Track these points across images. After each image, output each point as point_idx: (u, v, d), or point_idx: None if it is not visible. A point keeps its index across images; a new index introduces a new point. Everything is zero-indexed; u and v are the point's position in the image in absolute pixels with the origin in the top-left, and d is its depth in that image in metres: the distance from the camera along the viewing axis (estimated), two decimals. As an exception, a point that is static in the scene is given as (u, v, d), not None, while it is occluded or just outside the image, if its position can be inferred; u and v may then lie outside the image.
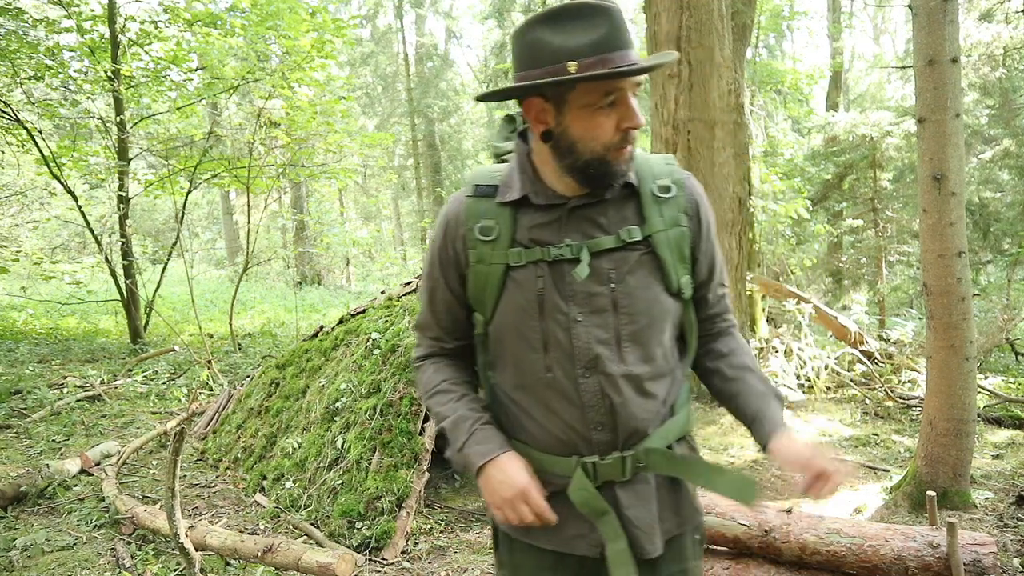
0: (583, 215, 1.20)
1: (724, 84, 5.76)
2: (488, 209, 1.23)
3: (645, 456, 1.23)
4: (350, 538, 3.25)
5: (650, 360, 1.22)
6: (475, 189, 1.25)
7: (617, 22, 1.10)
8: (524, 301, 1.20)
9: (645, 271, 1.20)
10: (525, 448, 1.26)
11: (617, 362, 1.19)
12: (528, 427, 1.26)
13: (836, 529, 2.61)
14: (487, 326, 1.27)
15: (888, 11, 22.24)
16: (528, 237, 1.21)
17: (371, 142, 10.87)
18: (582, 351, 1.19)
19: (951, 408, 3.50)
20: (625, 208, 1.22)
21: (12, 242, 10.84)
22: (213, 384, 6.52)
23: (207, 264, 20.09)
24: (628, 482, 1.23)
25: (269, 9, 8.15)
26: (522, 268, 1.20)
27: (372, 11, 21.34)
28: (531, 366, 1.22)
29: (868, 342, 6.90)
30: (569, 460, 1.22)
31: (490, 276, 1.22)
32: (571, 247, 1.18)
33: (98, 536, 3.34)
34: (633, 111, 1.14)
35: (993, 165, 8.96)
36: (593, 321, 1.19)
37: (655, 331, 1.22)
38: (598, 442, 1.21)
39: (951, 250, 3.43)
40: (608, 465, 1.21)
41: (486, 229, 1.22)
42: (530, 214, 1.21)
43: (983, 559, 2.38)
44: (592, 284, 1.18)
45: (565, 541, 1.25)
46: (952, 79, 3.37)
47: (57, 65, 7.81)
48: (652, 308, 1.21)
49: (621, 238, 1.19)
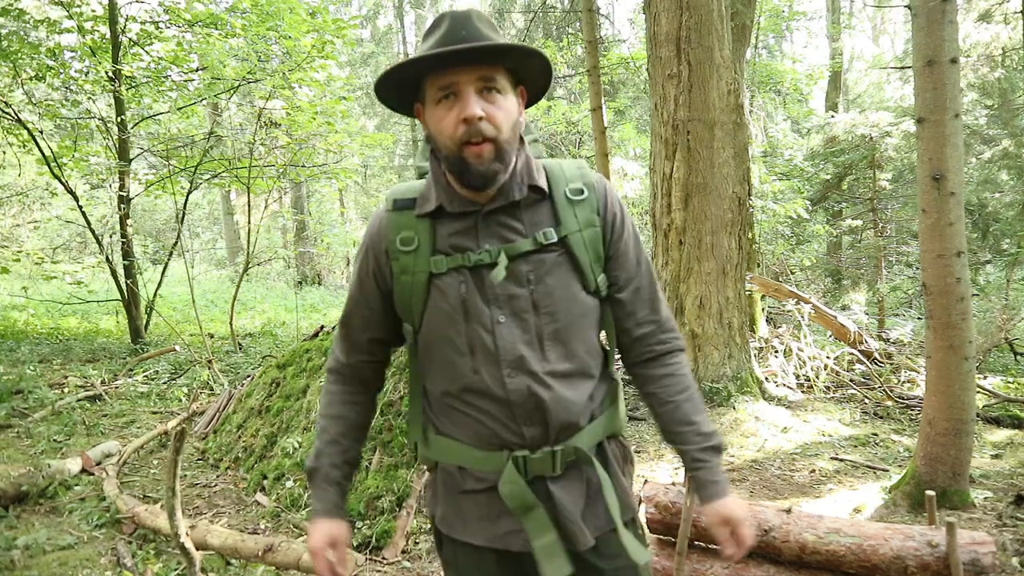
0: (497, 220, 1.23)
1: (724, 84, 5.76)
2: (408, 221, 1.27)
3: (575, 452, 1.25)
4: (350, 537, 3.26)
5: (573, 357, 1.25)
6: (394, 204, 1.29)
7: (458, 22, 1.16)
8: (449, 307, 1.24)
9: (562, 271, 1.24)
10: (459, 445, 1.28)
11: (540, 360, 1.22)
12: (461, 426, 1.28)
13: (835, 529, 2.62)
14: (416, 335, 1.30)
15: (887, 11, 22.24)
16: (448, 244, 1.24)
17: (371, 142, 10.89)
18: (506, 351, 1.22)
19: (950, 408, 3.51)
20: (539, 212, 1.25)
21: (13, 242, 10.85)
22: (214, 384, 6.53)
23: (208, 264, 20.09)
24: (559, 476, 1.25)
25: (269, 10, 8.16)
26: (444, 275, 1.24)
27: (372, 12, 21.36)
28: (460, 369, 1.25)
29: (867, 342, 6.91)
30: (500, 455, 1.24)
31: (415, 285, 1.26)
32: (489, 252, 1.21)
33: (99, 535, 3.35)
34: (466, 102, 1.15)
35: (992, 165, 8.97)
36: (515, 323, 1.22)
37: (576, 329, 1.25)
38: (530, 437, 1.23)
39: (950, 250, 3.43)
40: (538, 460, 1.23)
41: (406, 240, 1.26)
42: (447, 223, 1.25)
43: (982, 558, 2.38)
44: (512, 286, 1.22)
45: (500, 537, 1.26)
46: (951, 79, 3.38)
47: (58, 65, 7.82)
48: (572, 307, 1.25)
49: (538, 240, 1.22)
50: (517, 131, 1.23)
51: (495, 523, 1.26)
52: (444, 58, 1.13)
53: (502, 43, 1.14)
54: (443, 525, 1.34)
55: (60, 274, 8.95)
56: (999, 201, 8.91)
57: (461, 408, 1.27)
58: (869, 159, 9.40)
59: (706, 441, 1.30)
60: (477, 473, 1.27)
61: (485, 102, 1.16)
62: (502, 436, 1.24)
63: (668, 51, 5.67)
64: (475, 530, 1.28)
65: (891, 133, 9.11)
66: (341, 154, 9.93)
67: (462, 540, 1.30)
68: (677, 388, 1.33)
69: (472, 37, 1.14)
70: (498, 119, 1.17)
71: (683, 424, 1.31)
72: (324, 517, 1.32)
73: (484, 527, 1.27)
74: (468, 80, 1.15)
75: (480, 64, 1.15)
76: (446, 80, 1.16)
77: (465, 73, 1.15)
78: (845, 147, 9.76)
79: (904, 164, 9.59)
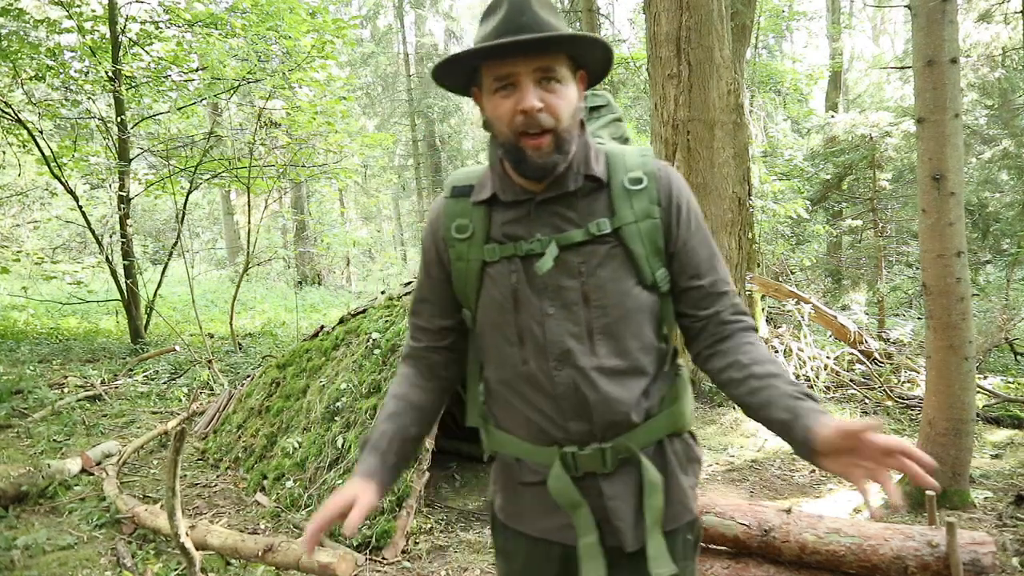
0: (551, 209, 1.21)
1: (724, 84, 5.76)
2: (464, 209, 1.27)
3: (626, 449, 1.23)
4: (350, 538, 3.26)
5: (624, 354, 1.21)
6: (452, 190, 1.29)
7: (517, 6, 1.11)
8: (500, 296, 1.23)
9: (616, 264, 1.20)
10: (515, 439, 1.29)
11: (588, 355, 1.20)
12: (513, 417, 1.28)
13: (835, 529, 2.62)
14: (473, 322, 1.31)
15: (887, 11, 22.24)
16: (501, 233, 1.23)
17: (371, 142, 10.87)
18: (554, 344, 1.20)
19: (950, 408, 3.51)
20: (595, 201, 1.22)
21: (13, 242, 10.85)
22: (214, 384, 6.53)
23: (208, 264, 20.09)
24: (612, 474, 1.23)
25: (269, 9, 8.16)
26: (496, 264, 1.23)
27: (372, 11, 21.36)
28: (510, 359, 1.25)
29: (867, 342, 6.91)
30: (551, 450, 1.24)
31: (469, 273, 1.26)
32: (540, 241, 1.20)
33: (99, 535, 3.35)
34: (523, 93, 1.12)
35: (992, 165, 8.97)
36: (564, 315, 1.20)
37: (629, 324, 1.21)
38: (577, 432, 1.22)
39: (950, 250, 3.43)
40: (588, 456, 1.22)
41: (461, 227, 1.26)
42: (502, 211, 1.24)
43: (982, 558, 2.38)
44: (562, 278, 1.19)
45: (553, 530, 1.27)
46: (951, 79, 3.38)
47: (58, 65, 7.82)
48: (624, 301, 1.20)
49: (590, 231, 1.19)
50: (577, 118, 1.18)
51: (550, 516, 1.26)
52: (504, 49, 1.09)
53: (562, 33, 1.10)
54: (501, 513, 1.35)
55: (60, 274, 8.95)
56: (999, 201, 8.91)
57: (512, 399, 1.27)
58: (869, 159, 9.40)
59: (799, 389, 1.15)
60: (532, 465, 1.27)
61: (544, 91, 1.13)
62: (549, 432, 1.23)
63: (668, 51, 5.67)
64: (531, 521, 1.29)
65: (891, 133, 9.11)
66: (341, 154, 9.92)
67: (517, 529, 1.31)
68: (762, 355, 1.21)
69: (531, 23, 1.10)
70: (558, 109, 1.13)
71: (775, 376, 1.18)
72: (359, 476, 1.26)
73: (539, 519, 1.27)
74: (526, 71, 1.12)
75: (540, 54, 1.11)
76: (504, 70, 1.13)
77: (523, 63, 1.11)
78: (845, 147, 9.76)
79: (904, 164, 9.59)
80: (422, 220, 19.97)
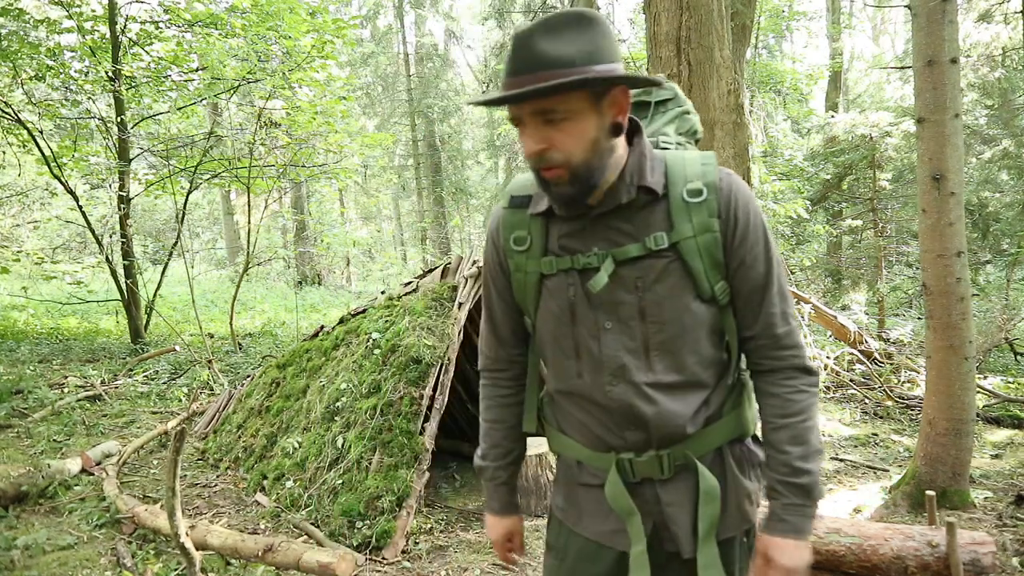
0: (607, 223, 1.19)
1: (724, 84, 5.76)
2: (521, 220, 1.26)
3: (685, 456, 1.23)
4: (350, 538, 3.25)
5: (682, 369, 1.20)
6: (510, 200, 1.29)
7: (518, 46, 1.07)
8: (557, 309, 1.23)
9: (674, 279, 1.17)
10: (571, 442, 1.32)
11: (644, 371, 1.19)
12: (572, 425, 1.31)
13: (835, 529, 2.62)
14: (533, 330, 1.33)
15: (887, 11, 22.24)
16: (559, 245, 1.22)
17: (371, 142, 10.87)
18: (609, 359, 1.20)
19: (950, 408, 3.50)
20: (653, 214, 1.18)
21: (13, 242, 10.85)
22: (214, 384, 6.53)
23: (207, 264, 20.08)
24: (669, 480, 1.24)
25: (269, 9, 8.15)
26: (554, 276, 1.23)
27: (372, 11, 21.34)
28: (566, 371, 1.26)
29: (867, 342, 6.91)
30: (608, 456, 1.25)
31: (528, 284, 1.26)
32: (597, 256, 1.18)
33: (99, 535, 3.35)
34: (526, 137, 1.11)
35: (992, 165, 8.97)
36: (621, 330, 1.19)
37: (687, 340, 1.19)
38: (633, 441, 1.23)
39: (950, 250, 3.43)
40: (645, 463, 1.23)
41: (519, 239, 1.26)
42: (559, 224, 1.23)
43: (982, 558, 2.38)
44: (619, 292, 1.18)
45: (607, 534, 1.28)
46: (951, 79, 3.38)
47: (58, 65, 7.82)
48: (683, 316, 1.18)
49: (647, 246, 1.16)
50: (600, 147, 1.12)
51: (605, 520, 1.28)
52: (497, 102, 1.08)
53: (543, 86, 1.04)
54: (559, 512, 1.38)
55: (60, 274, 8.95)
56: (999, 201, 8.91)
57: (570, 408, 1.29)
58: (869, 159, 9.39)
59: (792, 476, 1.19)
60: (591, 469, 1.29)
61: (551, 130, 1.09)
62: (606, 439, 1.25)
63: (668, 51, 5.67)
64: (587, 523, 1.31)
65: (891, 133, 9.11)
66: (341, 154, 9.92)
67: (573, 529, 1.34)
68: (781, 411, 1.21)
69: (532, 63, 1.06)
70: (566, 145, 1.09)
71: (774, 449, 1.22)
72: (499, 515, 1.46)
73: (595, 522, 1.29)
74: (527, 112, 1.10)
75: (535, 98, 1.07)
76: (511, 112, 1.12)
77: (523, 107, 1.10)
78: (845, 147, 9.76)
79: (904, 164, 9.58)
80: (422, 220, 19.96)
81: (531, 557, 3.28)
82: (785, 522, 1.19)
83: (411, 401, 3.64)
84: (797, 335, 1.23)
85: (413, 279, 4.66)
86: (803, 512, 1.19)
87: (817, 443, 1.21)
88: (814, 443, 1.20)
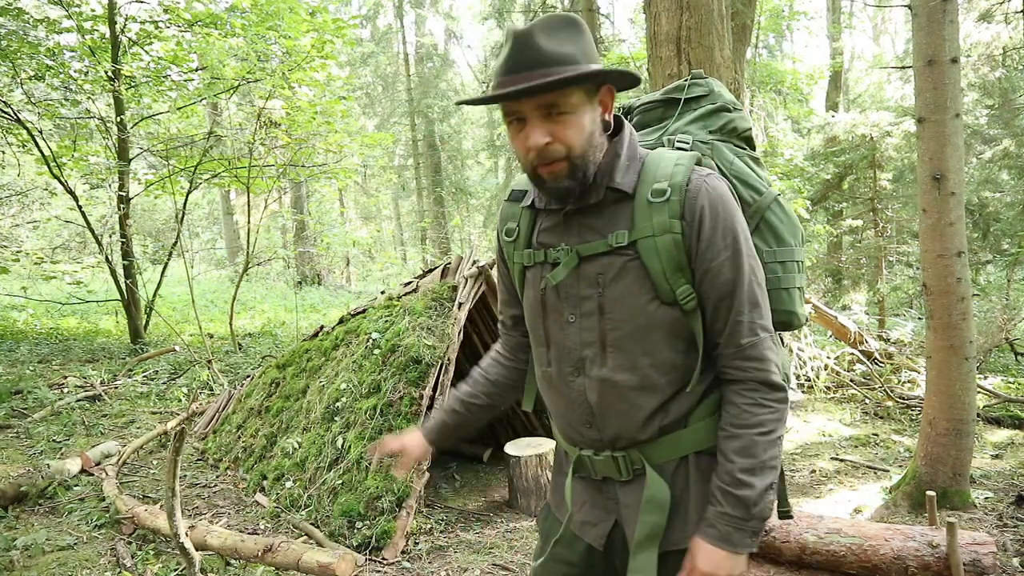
0: (579, 220, 1.23)
1: (724, 84, 5.76)
2: (515, 212, 1.34)
3: (640, 461, 1.24)
4: (350, 538, 3.25)
5: (634, 369, 1.19)
6: (510, 194, 1.37)
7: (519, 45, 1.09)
8: (533, 299, 1.30)
9: (632, 278, 1.18)
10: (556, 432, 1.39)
11: (599, 366, 1.23)
12: (552, 413, 1.38)
13: (836, 529, 2.62)
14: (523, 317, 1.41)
15: (888, 11, 22.24)
16: (538, 240, 1.30)
17: (371, 142, 10.87)
18: (572, 351, 1.25)
19: (951, 408, 3.50)
20: (620, 212, 1.20)
21: (12, 242, 10.84)
22: (213, 384, 6.52)
23: (207, 264, 20.08)
24: (628, 482, 1.27)
25: (269, 9, 8.14)
26: (532, 268, 1.30)
27: (372, 11, 21.33)
28: (540, 358, 1.33)
29: (868, 342, 6.90)
30: (574, 449, 1.32)
31: (514, 273, 1.36)
32: (564, 251, 1.23)
33: (98, 536, 3.35)
34: (529, 132, 1.12)
35: (993, 165, 8.97)
36: (583, 324, 1.23)
37: (641, 340, 1.18)
38: (588, 438, 1.28)
39: (951, 250, 3.43)
40: (602, 462, 1.27)
41: (510, 231, 1.34)
42: (544, 218, 1.30)
43: (983, 559, 2.38)
44: (584, 287, 1.22)
45: (578, 524, 1.33)
46: (952, 79, 3.38)
47: (58, 65, 7.80)
48: (636, 316, 1.18)
49: (609, 242, 1.19)
50: (594, 141, 1.16)
51: (579, 510, 1.33)
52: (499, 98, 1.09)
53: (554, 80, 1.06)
54: (549, 496, 1.46)
55: (59, 274, 8.94)
56: (1000, 201, 8.90)
57: (547, 396, 1.36)
58: (869, 159, 9.39)
59: (731, 486, 1.15)
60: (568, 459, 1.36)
61: (552, 124, 1.12)
62: (567, 432, 1.32)
63: (668, 51, 5.66)
64: (563, 511, 1.37)
65: (891, 133, 9.10)
66: (341, 154, 9.92)
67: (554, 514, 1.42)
68: (735, 421, 1.17)
69: (535, 59, 1.08)
70: (567, 138, 1.12)
71: (721, 455, 1.18)
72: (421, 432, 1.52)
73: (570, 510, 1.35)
74: (530, 108, 1.12)
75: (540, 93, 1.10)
76: (510, 107, 1.14)
77: (527, 102, 1.11)
78: (845, 147, 9.75)
79: (904, 164, 9.57)
80: (422, 220, 19.96)
81: (531, 557, 3.28)
82: (715, 528, 1.16)
83: (411, 401, 3.64)
84: (764, 347, 1.18)
85: (413, 279, 4.66)
86: (737, 524, 1.15)
87: (769, 460, 1.16)
88: (764, 458, 1.15)
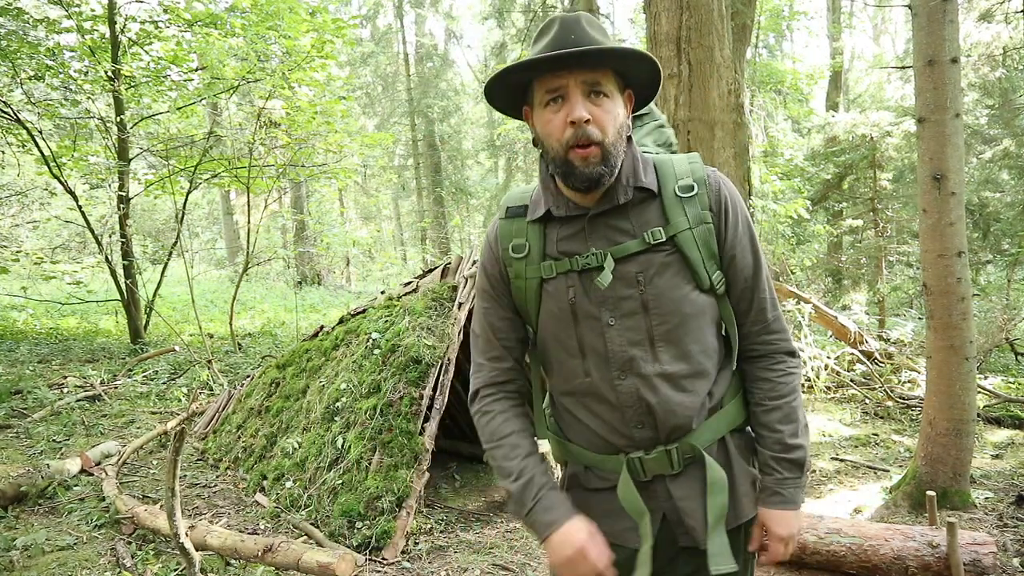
0: (605, 223, 1.24)
1: (724, 84, 5.76)
2: (520, 228, 1.31)
3: (692, 449, 1.26)
4: (350, 538, 3.25)
5: (686, 358, 1.24)
6: (506, 211, 1.35)
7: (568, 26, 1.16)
8: (558, 310, 1.27)
9: (673, 271, 1.23)
10: (577, 448, 1.33)
11: (652, 362, 1.23)
12: (577, 428, 1.33)
13: (836, 529, 2.62)
14: (535, 336, 1.36)
15: (888, 11, 22.24)
16: (557, 250, 1.27)
17: (371, 142, 10.87)
18: (616, 354, 1.24)
19: (951, 408, 3.50)
20: (647, 211, 1.25)
21: (12, 242, 10.84)
22: (213, 384, 6.52)
23: (207, 264, 20.08)
24: (679, 475, 1.27)
25: (269, 9, 8.15)
26: (553, 279, 1.27)
27: (372, 11, 21.34)
28: (572, 371, 1.29)
29: (868, 342, 6.90)
30: (617, 458, 1.28)
31: (528, 290, 1.30)
32: (596, 255, 1.23)
33: (98, 536, 3.34)
34: (572, 105, 1.16)
35: (993, 165, 8.97)
36: (625, 324, 1.23)
37: (689, 329, 1.24)
38: (641, 439, 1.26)
39: (951, 250, 3.43)
40: (654, 459, 1.26)
41: (518, 247, 1.30)
42: (557, 228, 1.28)
43: (983, 559, 2.38)
44: (621, 288, 1.23)
45: (618, 533, 1.30)
46: (952, 79, 3.37)
47: (57, 65, 7.80)
48: (683, 307, 1.23)
49: (646, 240, 1.22)
50: (623, 134, 1.22)
51: (616, 520, 1.30)
52: (553, 61, 1.14)
53: (610, 47, 1.14)
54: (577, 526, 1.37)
55: (59, 274, 8.93)
56: (1000, 201, 8.91)
57: (576, 411, 1.31)
58: (870, 159, 9.39)
59: (784, 452, 1.28)
60: (601, 473, 1.32)
61: (592, 105, 1.16)
62: (613, 441, 1.28)
63: (668, 51, 5.66)
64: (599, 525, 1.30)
65: (892, 133, 9.11)
66: (341, 154, 9.92)
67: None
68: (772, 393, 1.30)
69: (581, 41, 1.14)
70: (604, 122, 1.17)
71: (766, 428, 1.30)
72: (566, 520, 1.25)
73: (606, 523, 1.30)
74: (576, 83, 1.16)
75: (588, 68, 1.15)
76: (554, 83, 1.17)
77: (573, 76, 1.15)
78: (845, 147, 9.76)
79: (904, 164, 9.58)
80: (422, 220, 19.96)
81: (531, 557, 3.28)
82: (780, 495, 1.28)
83: (411, 401, 3.63)
84: (783, 320, 1.33)
85: (413, 279, 4.66)
86: (796, 484, 1.29)
87: (803, 419, 1.31)
88: (801, 419, 1.31)
